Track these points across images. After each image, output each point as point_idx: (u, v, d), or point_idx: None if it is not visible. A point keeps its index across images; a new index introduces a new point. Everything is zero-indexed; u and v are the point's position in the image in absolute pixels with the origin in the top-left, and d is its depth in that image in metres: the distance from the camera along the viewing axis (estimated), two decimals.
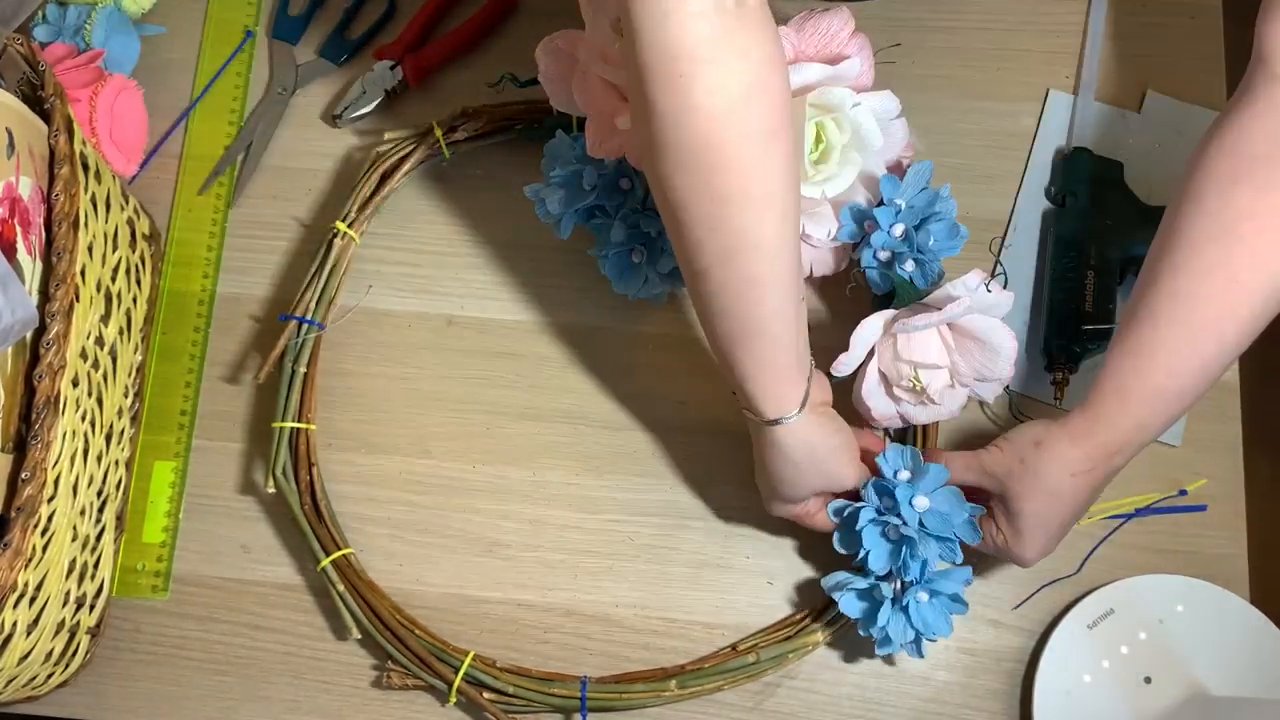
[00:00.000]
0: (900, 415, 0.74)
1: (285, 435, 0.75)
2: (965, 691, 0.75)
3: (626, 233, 0.74)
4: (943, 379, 0.72)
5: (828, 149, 0.72)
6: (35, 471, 0.61)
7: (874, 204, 0.75)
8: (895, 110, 0.75)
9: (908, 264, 0.73)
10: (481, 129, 0.82)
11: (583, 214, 0.75)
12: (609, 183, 0.74)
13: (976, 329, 0.71)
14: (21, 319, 0.60)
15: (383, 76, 0.85)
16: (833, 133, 0.72)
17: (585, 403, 0.80)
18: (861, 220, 0.75)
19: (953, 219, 0.74)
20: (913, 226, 0.74)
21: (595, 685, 0.72)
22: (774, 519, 0.75)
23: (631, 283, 0.76)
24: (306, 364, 0.77)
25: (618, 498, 0.78)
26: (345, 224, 0.79)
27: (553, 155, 0.76)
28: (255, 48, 0.88)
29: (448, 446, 0.79)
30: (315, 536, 0.74)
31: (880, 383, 0.74)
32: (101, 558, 0.74)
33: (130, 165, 0.83)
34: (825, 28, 0.73)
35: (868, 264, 0.75)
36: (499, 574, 0.77)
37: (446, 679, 0.72)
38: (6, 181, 0.63)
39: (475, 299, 0.82)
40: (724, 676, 0.73)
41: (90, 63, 0.81)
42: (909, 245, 0.73)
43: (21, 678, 0.67)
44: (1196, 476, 0.78)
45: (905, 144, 0.76)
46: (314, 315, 0.77)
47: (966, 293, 0.69)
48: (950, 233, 0.74)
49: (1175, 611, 0.75)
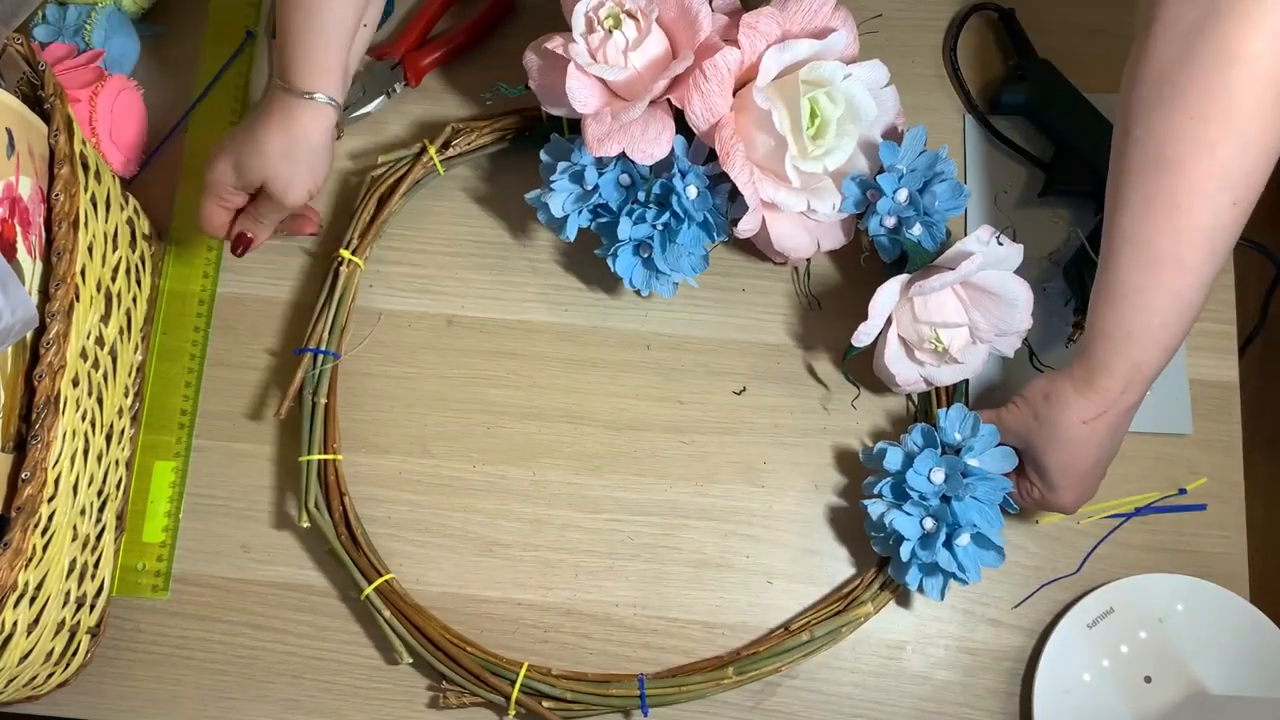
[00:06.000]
0: (924, 378, 0.75)
1: (314, 468, 0.75)
2: (965, 691, 0.75)
3: (633, 228, 0.74)
4: (963, 337, 0.73)
5: (824, 123, 0.73)
6: (35, 471, 0.61)
7: (875, 173, 0.76)
8: (885, 78, 0.76)
9: (915, 227, 0.74)
10: (474, 142, 0.82)
11: (587, 214, 0.75)
12: (611, 180, 0.74)
13: (991, 284, 0.72)
14: (22, 319, 0.60)
15: (383, 76, 0.85)
16: (827, 107, 0.73)
17: (585, 403, 0.80)
18: (865, 190, 0.76)
19: (954, 178, 0.76)
20: (916, 190, 0.74)
21: (653, 681, 0.73)
22: (773, 519, 0.75)
23: (642, 277, 0.76)
24: (326, 395, 0.76)
25: (618, 497, 0.78)
26: (349, 251, 0.79)
27: (552, 158, 0.76)
28: (255, 48, 0.88)
29: (448, 446, 0.79)
30: (355, 565, 0.74)
31: (901, 348, 0.75)
32: (102, 557, 0.74)
33: (130, 165, 0.83)
34: (808, 4, 0.74)
35: (875, 232, 0.75)
36: (499, 574, 0.77)
37: (504, 693, 0.72)
38: (6, 181, 0.63)
39: (475, 299, 0.82)
40: (780, 658, 0.73)
41: (90, 63, 0.81)
42: (915, 209, 0.74)
43: (22, 677, 0.67)
44: (1196, 476, 0.78)
45: (897, 111, 0.77)
46: (328, 345, 0.77)
47: (979, 248, 0.70)
48: (954, 192, 0.75)
49: (1175, 611, 0.75)
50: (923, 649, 0.76)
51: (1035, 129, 0.84)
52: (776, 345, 0.81)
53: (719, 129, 0.71)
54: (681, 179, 0.72)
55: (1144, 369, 0.64)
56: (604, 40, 0.71)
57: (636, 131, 0.71)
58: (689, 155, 0.74)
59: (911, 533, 0.71)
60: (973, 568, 0.70)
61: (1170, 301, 0.62)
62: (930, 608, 0.76)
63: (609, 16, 0.71)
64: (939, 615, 0.77)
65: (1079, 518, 0.78)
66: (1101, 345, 0.64)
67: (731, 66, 0.71)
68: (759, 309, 0.82)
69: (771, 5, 0.73)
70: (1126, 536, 0.77)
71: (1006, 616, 0.77)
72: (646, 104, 0.71)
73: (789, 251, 0.76)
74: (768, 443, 0.79)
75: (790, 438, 0.79)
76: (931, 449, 0.72)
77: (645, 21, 0.71)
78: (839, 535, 0.78)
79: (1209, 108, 0.57)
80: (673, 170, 0.73)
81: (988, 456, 0.71)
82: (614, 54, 0.71)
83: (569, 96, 0.71)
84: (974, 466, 0.71)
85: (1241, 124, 0.57)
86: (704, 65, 0.70)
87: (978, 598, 0.77)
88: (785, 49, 0.72)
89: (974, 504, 0.70)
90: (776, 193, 0.73)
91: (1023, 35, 0.85)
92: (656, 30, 0.72)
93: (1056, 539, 0.78)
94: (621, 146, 0.71)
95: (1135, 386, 0.65)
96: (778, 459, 0.79)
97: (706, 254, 0.76)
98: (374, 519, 0.78)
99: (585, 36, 0.71)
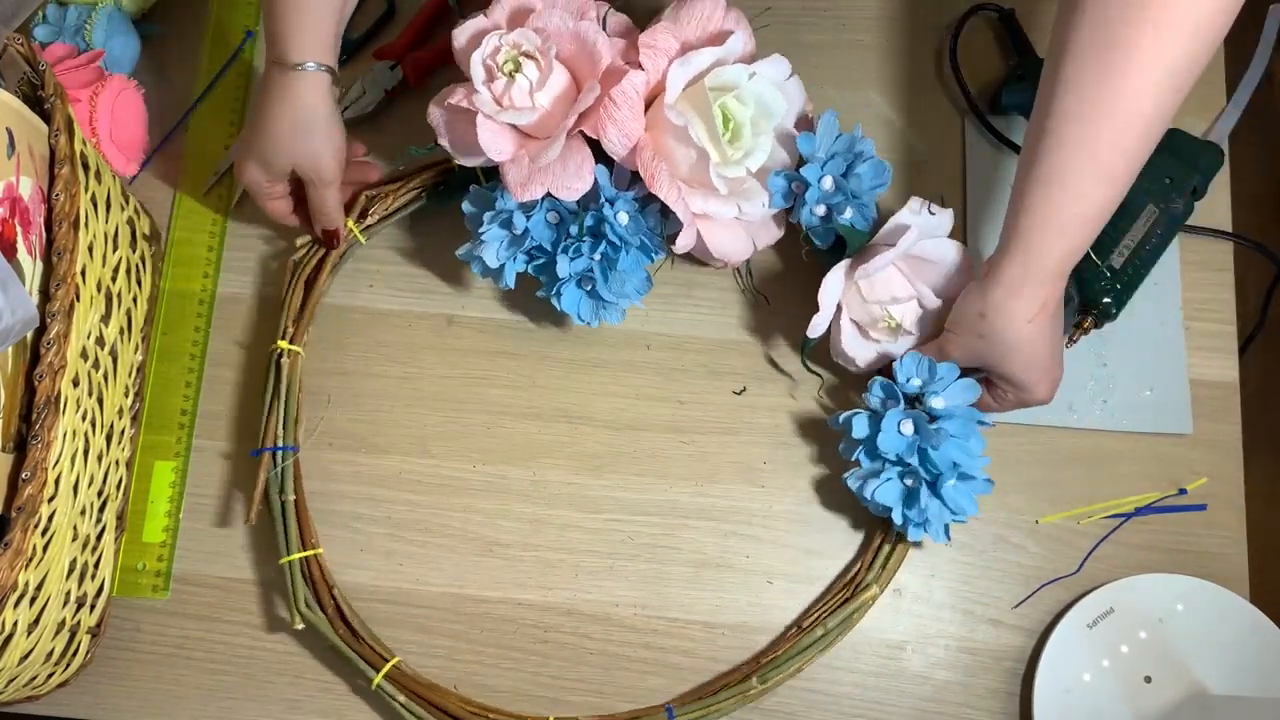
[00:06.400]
0: (880, 355, 0.76)
1: (297, 568, 0.74)
2: (965, 691, 0.75)
3: (571, 264, 0.73)
4: (913, 310, 0.75)
5: (737, 126, 0.73)
6: (36, 471, 0.61)
7: (797, 164, 0.76)
8: (787, 71, 0.76)
9: (846, 211, 0.75)
10: (391, 205, 0.81)
11: (522, 258, 0.75)
12: (540, 221, 0.73)
13: (928, 253, 0.73)
14: (22, 319, 0.60)
15: (383, 76, 0.85)
16: (737, 109, 0.73)
17: (585, 403, 0.80)
18: (790, 182, 0.76)
19: (874, 156, 0.76)
20: (840, 174, 0.75)
21: (681, 708, 0.73)
22: (773, 519, 0.75)
23: (589, 309, 0.76)
24: (293, 491, 0.75)
25: (618, 497, 0.78)
26: (286, 341, 0.77)
27: (476, 208, 0.75)
28: (255, 48, 0.88)
29: (448, 446, 0.79)
30: (360, 656, 0.73)
31: (855, 330, 0.76)
32: (102, 557, 0.74)
33: (130, 165, 0.83)
34: (700, 11, 0.74)
35: (808, 222, 0.75)
36: (499, 574, 0.77)
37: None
38: (7, 181, 0.63)
39: (475, 299, 0.82)
40: (801, 657, 0.73)
41: (90, 63, 0.81)
42: (842, 193, 0.75)
43: (22, 677, 0.67)
44: (1196, 476, 0.78)
45: (804, 100, 0.77)
46: (283, 440, 0.76)
47: (912, 219, 0.72)
48: (877, 170, 0.76)
49: (1175, 611, 0.75)
50: (923, 649, 0.76)
51: None
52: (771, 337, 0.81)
53: (639, 152, 0.71)
54: (611, 207, 0.72)
55: (1076, 254, 0.65)
56: (507, 85, 0.70)
57: (557, 170, 0.70)
58: (613, 183, 0.73)
59: (893, 499, 0.71)
60: (967, 503, 0.71)
61: (1108, 188, 0.62)
62: (930, 608, 0.76)
63: (508, 61, 0.70)
64: (939, 615, 0.77)
65: (1079, 518, 0.78)
66: (1036, 232, 0.64)
67: (639, 89, 0.71)
68: (762, 307, 0.82)
69: (664, 19, 0.73)
70: (1126, 536, 0.77)
71: (1006, 616, 0.77)
72: (562, 142, 0.70)
73: (728, 257, 0.76)
74: (768, 443, 0.79)
75: (790, 438, 0.79)
76: (894, 403, 0.72)
77: (545, 60, 0.70)
78: (839, 535, 0.78)
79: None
80: (600, 200, 0.72)
81: (951, 393, 0.71)
82: (520, 97, 0.71)
83: (483, 147, 0.70)
84: (941, 408, 0.71)
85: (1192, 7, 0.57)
86: (612, 93, 0.69)
87: (978, 598, 0.77)
88: (687, 61, 0.71)
89: (951, 443, 0.70)
90: (706, 203, 0.73)
91: (1023, 35, 0.85)
92: (558, 66, 0.72)
93: (1056, 539, 0.78)
94: (545, 188, 0.70)
95: (1065, 271, 0.66)
96: (778, 459, 0.79)
97: (649, 275, 0.76)
98: (374, 519, 0.78)
99: (487, 85, 0.70)
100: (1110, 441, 0.79)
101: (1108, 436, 0.79)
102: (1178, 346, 0.80)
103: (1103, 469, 0.78)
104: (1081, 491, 0.78)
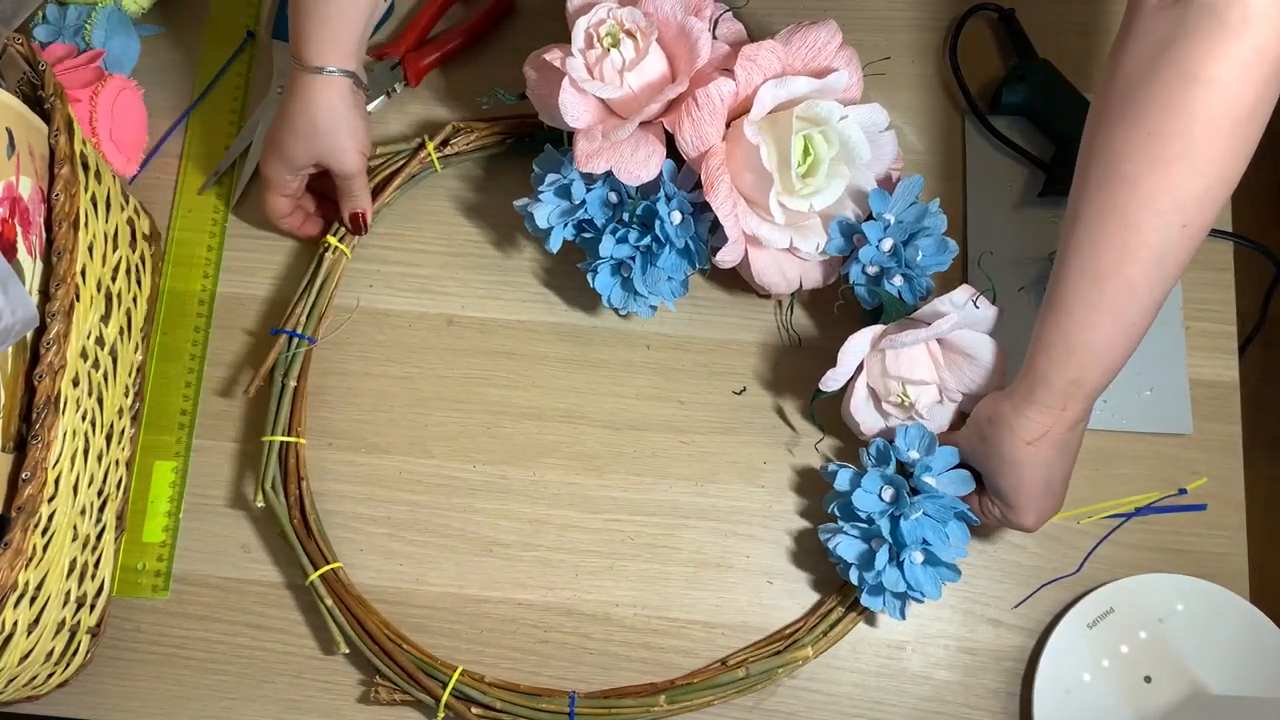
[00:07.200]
0: (887, 430, 0.74)
1: (275, 449, 0.75)
2: (965, 691, 0.75)
3: (615, 246, 0.73)
4: (931, 395, 0.72)
5: (815, 162, 0.72)
6: (35, 471, 0.61)
7: (863, 218, 0.74)
8: (884, 123, 0.74)
9: (896, 279, 0.73)
10: (473, 143, 0.82)
11: (571, 228, 0.75)
12: (598, 197, 0.73)
13: (964, 344, 0.71)
14: (22, 319, 0.60)
15: (383, 76, 0.85)
16: (820, 146, 0.71)
17: (585, 403, 0.80)
18: (850, 234, 0.74)
19: (941, 234, 0.74)
20: (901, 241, 0.73)
21: (584, 700, 0.73)
22: (773, 519, 0.75)
23: (620, 297, 0.76)
24: (297, 378, 0.77)
25: (618, 498, 0.78)
26: (336, 238, 0.79)
27: (542, 169, 0.76)
28: (255, 48, 0.88)
29: (448, 446, 0.79)
30: (304, 551, 0.74)
31: (869, 398, 0.74)
32: (102, 557, 0.74)
33: (130, 165, 0.83)
34: (813, 41, 0.73)
35: (856, 279, 0.74)
36: (499, 574, 0.77)
37: (434, 694, 0.72)
38: (6, 181, 0.63)
39: (475, 299, 0.82)
40: (713, 691, 0.73)
41: (90, 63, 0.81)
42: (897, 260, 0.73)
43: (22, 677, 0.67)
44: (1196, 476, 0.78)
45: (895, 157, 0.76)
46: (305, 329, 0.78)
47: (954, 309, 0.69)
48: (939, 248, 0.74)
49: (1175, 611, 0.75)
50: (923, 649, 0.76)
51: (1035, 129, 0.84)
52: (777, 346, 0.81)
53: (707, 158, 0.71)
54: (666, 203, 0.72)
55: (1084, 386, 0.63)
56: (601, 57, 0.71)
57: (626, 151, 0.70)
58: (676, 180, 0.73)
59: (852, 555, 0.71)
60: (930, 585, 0.70)
61: (1113, 320, 0.61)
62: (930, 608, 0.76)
63: (608, 34, 0.70)
64: (939, 615, 0.77)
65: (1079, 518, 0.78)
66: (1041, 358, 0.64)
67: (725, 97, 0.70)
68: (763, 309, 0.82)
69: (775, 39, 0.72)
70: (1126, 536, 0.77)
71: (1006, 616, 0.77)
72: (637, 124, 0.70)
73: (769, 286, 0.75)
74: (768, 443, 0.79)
75: (790, 438, 0.79)
76: (879, 468, 0.71)
77: (644, 42, 0.71)
78: None
79: (1165, 124, 0.57)
80: (659, 194, 0.72)
81: (945, 477, 0.70)
82: (610, 72, 0.71)
83: (561, 110, 0.71)
84: (925, 484, 0.70)
85: (1196, 145, 0.57)
86: (697, 93, 0.69)
87: (978, 598, 0.77)
88: (782, 84, 0.71)
89: (925, 521, 0.69)
90: (759, 227, 0.73)
91: (1023, 35, 0.85)
92: (656, 52, 0.72)
93: (1056, 539, 0.78)
94: (609, 165, 0.70)
95: (1075, 404, 0.64)
96: (778, 459, 0.79)
97: (686, 279, 0.76)
98: (374, 519, 0.78)
99: (583, 52, 0.71)
100: (1110, 441, 0.79)
101: (1108, 436, 0.79)
102: (1177, 346, 0.80)
103: (1103, 469, 0.78)
104: (1081, 491, 0.78)
